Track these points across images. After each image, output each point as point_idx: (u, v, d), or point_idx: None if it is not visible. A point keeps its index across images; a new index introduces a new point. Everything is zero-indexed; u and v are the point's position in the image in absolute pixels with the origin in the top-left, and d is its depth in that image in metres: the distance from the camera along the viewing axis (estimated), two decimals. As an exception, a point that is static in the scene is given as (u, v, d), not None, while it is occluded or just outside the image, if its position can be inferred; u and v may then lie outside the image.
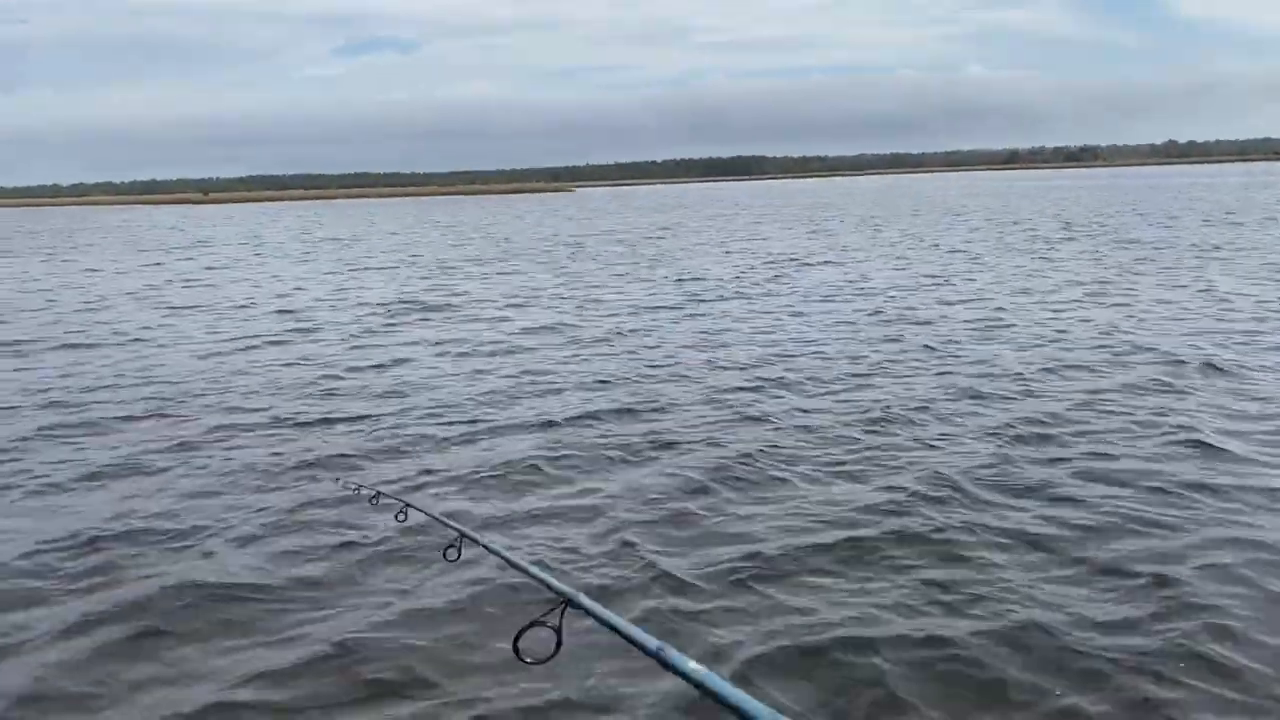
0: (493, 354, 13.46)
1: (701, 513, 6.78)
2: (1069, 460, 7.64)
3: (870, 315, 15.75)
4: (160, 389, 11.55)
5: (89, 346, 15.10)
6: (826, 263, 25.76)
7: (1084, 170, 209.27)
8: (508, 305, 18.96)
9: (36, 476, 8.08)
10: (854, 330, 14.37)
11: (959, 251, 27.48)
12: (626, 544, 6.17)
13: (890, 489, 7.07)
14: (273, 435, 9.26)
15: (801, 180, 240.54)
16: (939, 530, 6.25)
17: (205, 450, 8.74)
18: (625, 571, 5.81)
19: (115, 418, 10.13)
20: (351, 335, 15.61)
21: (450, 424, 9.47)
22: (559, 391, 10.85)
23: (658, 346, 13.60)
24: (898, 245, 30.80)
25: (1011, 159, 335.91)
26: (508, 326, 16.03)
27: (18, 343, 15.64)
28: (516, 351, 13.60)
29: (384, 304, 19.61)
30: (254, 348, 14.55)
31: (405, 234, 50.68)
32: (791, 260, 26.87)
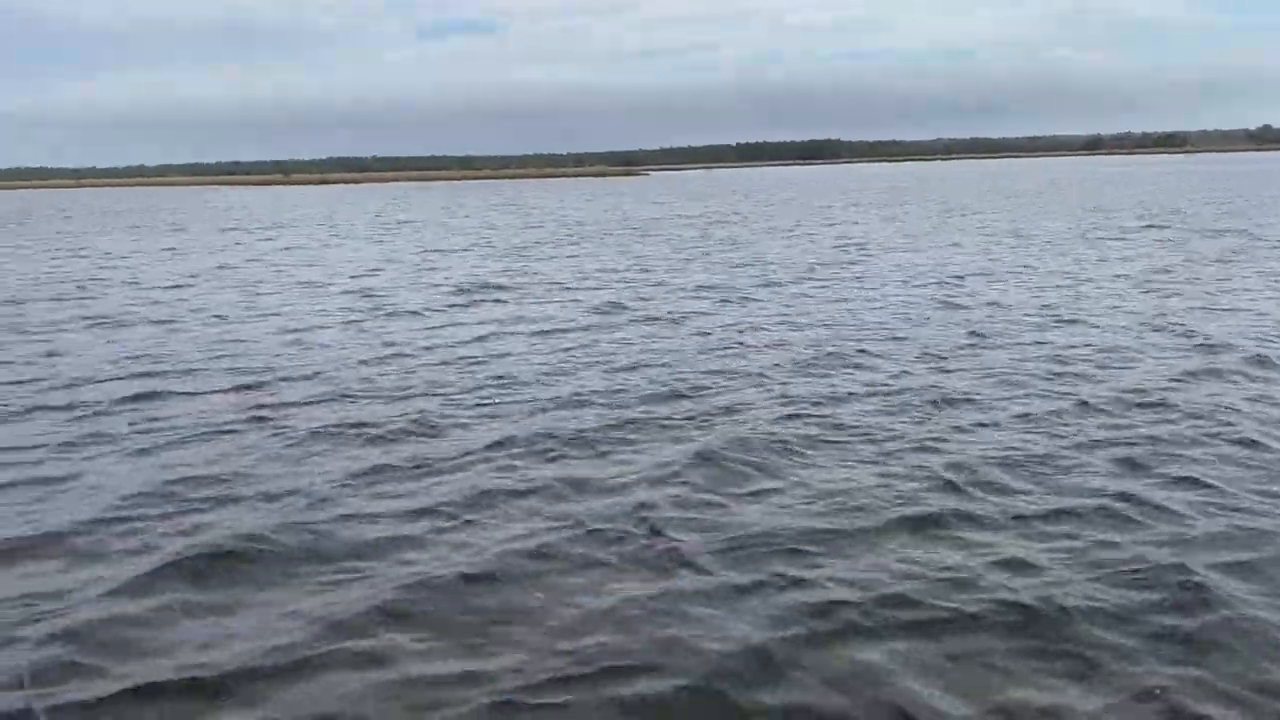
0: (559, 333, 13.86)
1: (729, 493, 7.02)
2: (1107, 449, 7.73)
3: (932, 302, 15.82)
4: (240, 363, 12.17)
5: (172, 322, 15.88)
6: (893, 249, 25.71)
7: (1171, 156, 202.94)
8: (577, 287, 19.36)
9: (124, 439, 8.68)
10: (912, 317, 14.48)
11: (1030, 238, 27.17)
12: (655, 525, 6.41)
13: (919, 472, 7.26)
14: (344, 408, 9.76)
15: (878, 165, 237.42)
16: (959, 516, 6.42)
17: (280, 420, 9.28)
18: (640, 546, 6.13)
19: (199, 390, 10.76)
20: (423, 314, 16.15)
21: (514, 401, 9.88)
22: (620, 370, 11.19)
23: (716, 330, 13.87)
24: (967, 231, 30.51)
25: (1094, 144, 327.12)
26: (575, 308, 16.41)
27: (108, 317, 16.50)
28: (582, 331, 13.99)
29: (456, 284, 20.16)
30: (326, 327, 15.13)
31: (479, 216, 51.49)
32: (859, 246, 26.85)
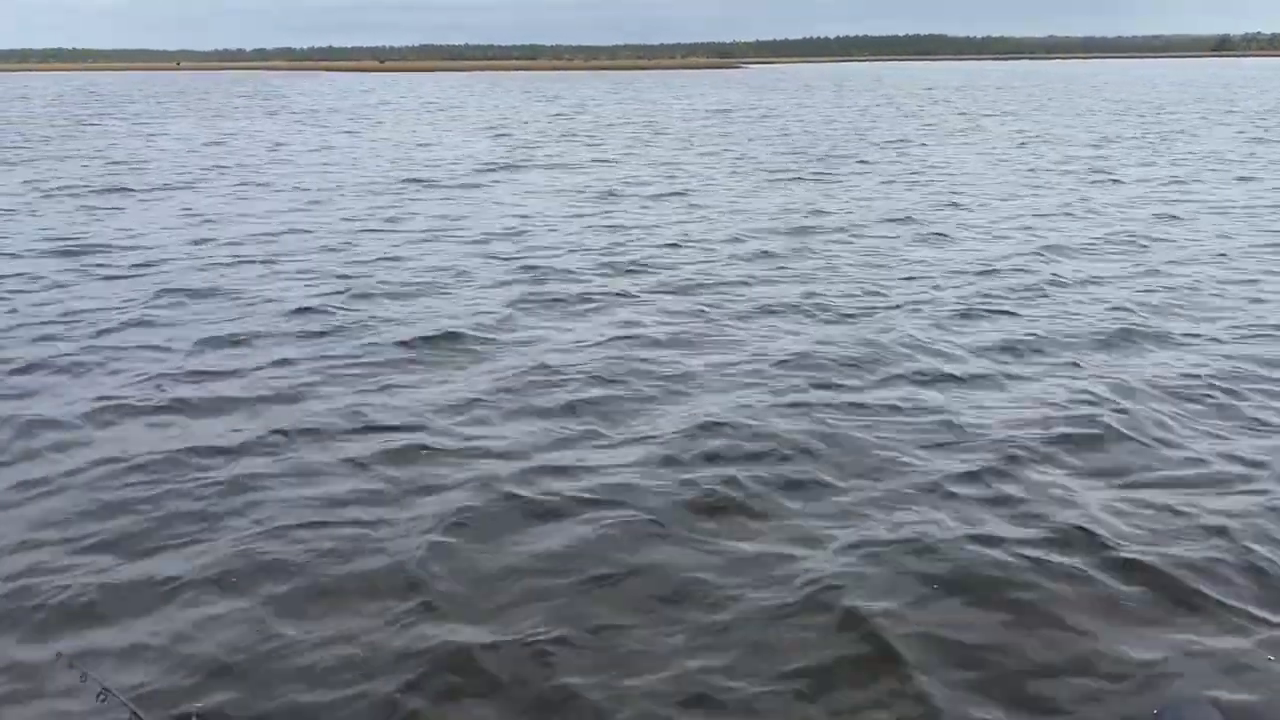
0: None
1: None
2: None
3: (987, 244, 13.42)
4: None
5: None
6: (963, 143, 27.12)
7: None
8: (652, 177, 22.16)
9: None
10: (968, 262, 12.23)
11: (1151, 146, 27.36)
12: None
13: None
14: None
15: (982, 62, 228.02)
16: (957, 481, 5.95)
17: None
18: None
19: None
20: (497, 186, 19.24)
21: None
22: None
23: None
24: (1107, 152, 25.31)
25: (1221, 45, 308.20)
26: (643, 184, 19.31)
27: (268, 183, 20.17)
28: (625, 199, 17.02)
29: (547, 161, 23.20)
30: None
31: (560, 103, 52.98)
32: (901, 143, 28.16)
